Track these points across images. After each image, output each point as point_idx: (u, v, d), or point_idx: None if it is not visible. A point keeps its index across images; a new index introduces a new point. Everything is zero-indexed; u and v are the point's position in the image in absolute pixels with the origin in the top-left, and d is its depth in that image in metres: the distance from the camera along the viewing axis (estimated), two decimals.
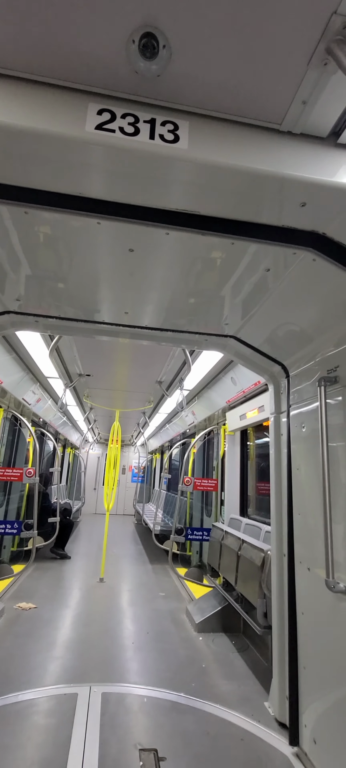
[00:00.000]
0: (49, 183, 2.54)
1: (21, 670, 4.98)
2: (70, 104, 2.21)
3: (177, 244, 3.00)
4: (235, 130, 2.34)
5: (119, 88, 2.21)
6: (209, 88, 2.17)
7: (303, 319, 3.81)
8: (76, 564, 10.86)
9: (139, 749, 3.68)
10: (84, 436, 19.64)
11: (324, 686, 3.53)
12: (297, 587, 4.08)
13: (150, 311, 4.26)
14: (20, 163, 2.38)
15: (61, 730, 3.85)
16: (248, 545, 5.69)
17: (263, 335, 4.42)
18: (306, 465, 4.07)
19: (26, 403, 9.21)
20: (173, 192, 2.54)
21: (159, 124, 2.25)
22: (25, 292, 4.05)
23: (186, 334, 4.79)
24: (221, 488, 9.45)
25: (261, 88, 2.14)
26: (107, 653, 5.61)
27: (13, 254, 3.34)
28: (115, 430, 11.00)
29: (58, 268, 3.55)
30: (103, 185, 2.54)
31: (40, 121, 2.16)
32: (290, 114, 2.26)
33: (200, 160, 2.29)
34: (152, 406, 11.94)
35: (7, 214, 2.79)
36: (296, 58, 1.97)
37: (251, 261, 3.15)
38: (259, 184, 2.41)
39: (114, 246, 3.10)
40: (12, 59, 2.11)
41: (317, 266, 2.96)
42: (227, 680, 5.04)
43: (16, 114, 2.15)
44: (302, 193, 2.44)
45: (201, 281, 3.58)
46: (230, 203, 2.61)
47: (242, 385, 6.99)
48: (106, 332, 4.84)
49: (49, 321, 4.60)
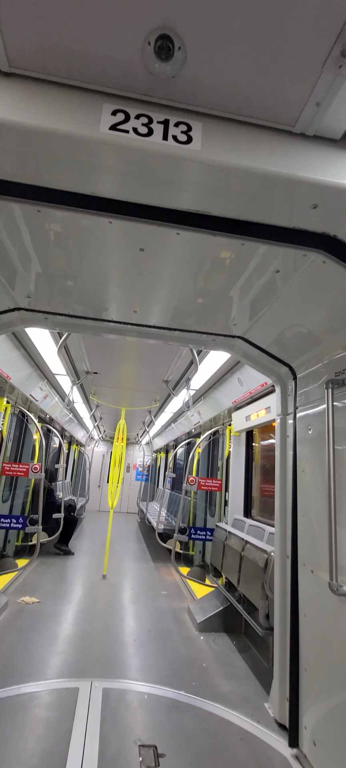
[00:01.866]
0: (62, 182, 2.58)
1: (23, 663, 5.02)
2: (85, 105, 2.23)
3: (187, 244, 3.02)
4: (248, 132, 2.35)
5: (134, 89, 2.24)
6: (222, 89, 2.19)
7: (312, 321, 3.81)
8: (79, 560, 10.91)
9: (139, 745, 3.69)
10: (90, 434, 19.70)
11: (325, 689, 3.53)
12: (300, 589, 4.08)
13: (158, 310, 4.28)
14: (35, 162, 2.42)
15: (62, 724, 3.88)
16: (251, 546, 5.69)
17: (271, 336, 4.43)
18: (312, 467, 4.07)
19: (34, 400, 9.26)
20: (185, 192, 2.56)
21: (172, 125, 2.27)
22: (35, 289, 4.10)
23: (194, 334, 4.80)
24: (225, 488, 9.45)
25: (275, 90, 2.15)
26: (109, 649, 5.64)
27: (24, 252, 3.38)
28: (120, 428, 11.02)
29: (68, 266, 3.58)
30: (116, 185, 2.57)
31: (55, 121, 2.19)
32: (304, 116, 2.26)
33: (213, 162, 2.30)
34: (158, 405, 11.95)
35: (20, 212, 2.83)
36: (311, 60, 1.98)
37: (261, 262, 3.16)
38: (271, 185, 2.42)
39: (124, 245, 3.12)
40: (29, 60, 2.14)
41: (327, 268, 2.96)
42: (227, 680, 5.05)
43: (31, 114, 2.19)
44: (314, 194, 2.45)
45: (210, 281, 3.59)
46: (241, 204, 2.62)
47: (248, 386, 6.98)
48: (114, 330, 4.87)
49: (58, 318, 4.63)
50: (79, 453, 21.24)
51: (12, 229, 3.04)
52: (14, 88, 2.20)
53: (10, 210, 2.81)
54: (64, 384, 9.79)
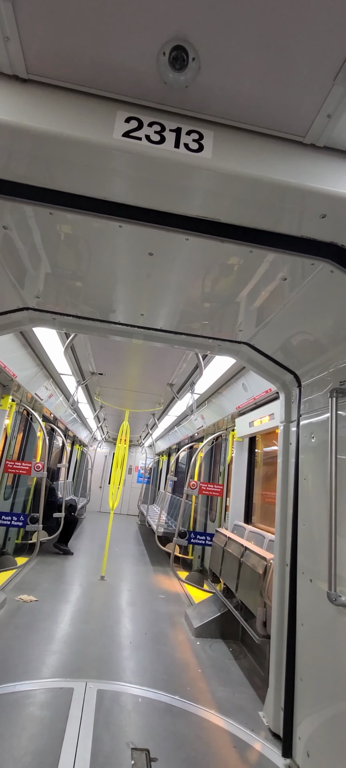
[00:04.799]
0: (75, 186, 2.62)
1: (19, 661, 5.03)
2: (100, 111, 2.28)
3: (196, 249, 3.05)
4: (258, 141, 2.39)
5: (147, 98, 2.28)
6: (235, 99, 2.22)
7: (318, 329, 3.81)
8: (78, 560, 10.92)
9: (132, 748, 3.69)
10: (93, 434, 19.73)
11: (321, 700, 3.51)
12: (298, 598, 4.07)
13: (165, 314, 4.31)
14: (48, 165, 2.47)
15: (56, 723, 3.88)
16: (250, 552, 5.68)
17: (277, 343, 4.44)
18: (314, 475, 4.06)
19: (38, 399, 9.29)
20: (195, 199, 2.60)
21: (184, 133, 2.30)
22: (44, 290, 4.15)
23: (200, 339, 4.82)
24: (225, 494, 9.43)
25: (287, 101, 2.19)
26: (105, 651, 5.64)
27: (34, 252, 3.43)
28: (124, 430, 11.03)
29: (78, 268, 3.63)
30: (127, 190, 2.61)
31: (70, 127, 2.24)
32: (315, 127, 2.29)
33: (223, 170, 2.33)
34: (162, 408, 11.96)
35: (31, 214, 2.88)
36: (323, 73, 2.01)
37: (269, 269, 3.18)
38: (280, 194, 2.45)
39: (134, 249, 3.16)
40: (46, 68, 2.19)
41: (335, 277, 2.97)
42: (222, 686, 5.03)
43: (47, 120, 2.24)
44: (323, 204, 2.47)
45: (217, 287, 3.62)
46: (251, 212, 2.65)
47: (253, 391, 6.98)
48: (120, 333, 4.90)
49: (66, 319, 4.68)
50: (82, 453, 21.25)
51: (23, 229, 3.09)
52: (31, 94, 2.26)
53: (22, 211, 2.86)
54: (69, 384, 9.84)
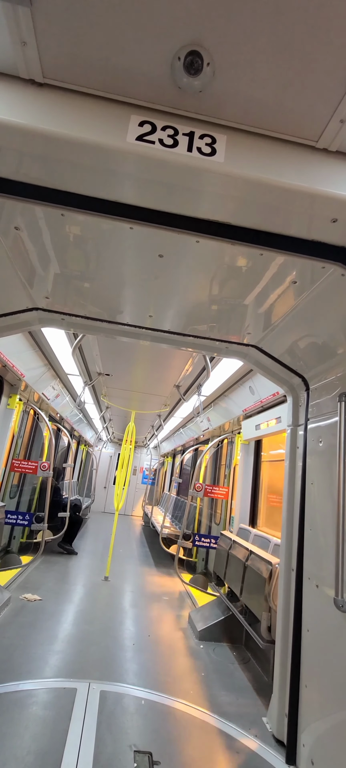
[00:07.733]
0: (87, 188, 2.65)
1: (22, 660, 5.03)
2: (114, 115, 2.30)
3: (206, 251, 3.06)
4: (271, 146, 2.40)
5: (161, 102, 2.29)
6: (248, 104, 2.23)
7: (327, 333, 3.79)
8: (82, 560, 10.94)
9: (134, 750, 3.68)
10: (98, 435, 19.76)
11: (326, 707, 3.48)
12: (304, 603, 4.04)
13: (173, 316, 4.31)
14: (61, 168, 2.50)
15: (59, 724, 3.88)
16: (255, 556, 5.64)
17: (285, 346, 4.42)
18: (321, 480, 4.03)
19: (46, 398, 9.32)
20: (207, 202, 2.62)
21: (197, 137, 2.32)
22: (53, 290, 4.18)
23: (207, 341, 4.82)
24: (231, 497, 9.40)
25: (300, 106, 2.19)
26: (108, 652, 5.63)
27: (44, 252, 3.46)
28: (129, 431, 11.03)
29: (87, 269, 3.65)
30: (139, 192, 2.64)
31: (84, 130, 2.27)
32: (327, 132, 2.30)
33: (235, 174, 2.35)
34: (168, 410, 11.96)
35: (42, 215, 2.90)
36: (336, 78, 2.01)
37: (278, 272, 3.17)
38: (292, 198, 2.45)
39: (144, 251, 3.18)
40: (62, 72, 2.21)
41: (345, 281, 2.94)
42: (225, 691, 5.00)
43: (62, 123, 2.26)
44: (334, 208, 2.48)
45: (226, 289, 3.62)
46: (262, 215, 2.66)
47: (259, 394, 6.95)
48: (128, 334, 4.92)
49: (75, 319, 4.71)
50: (87, 453, 21.30)
51: (34, 230, 3.11)
52: (46, 98, 2.28)
53: (33, 212, 2.88)
54: (76, 384, 9.88)
